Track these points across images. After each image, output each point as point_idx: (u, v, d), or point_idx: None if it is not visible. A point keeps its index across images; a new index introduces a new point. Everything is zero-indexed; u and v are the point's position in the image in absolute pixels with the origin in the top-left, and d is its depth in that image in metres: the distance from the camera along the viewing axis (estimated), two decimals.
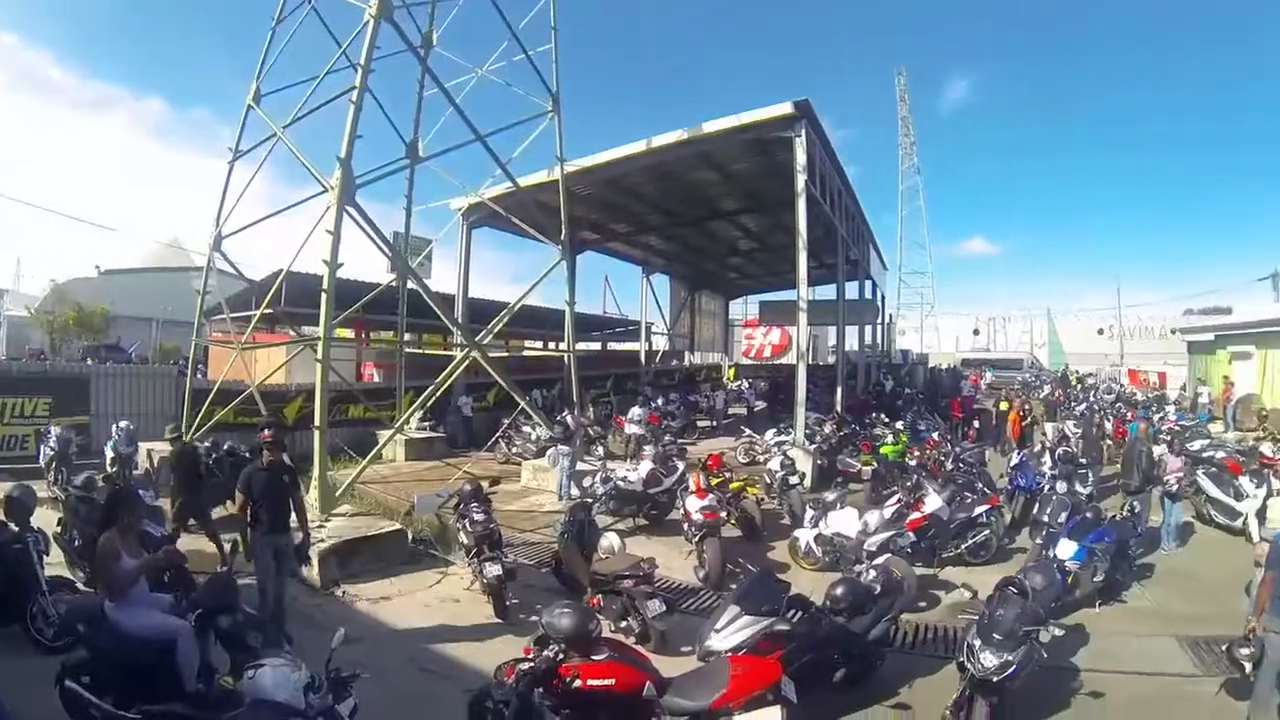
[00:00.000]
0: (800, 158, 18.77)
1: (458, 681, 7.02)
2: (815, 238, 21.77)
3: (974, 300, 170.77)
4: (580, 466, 16.07)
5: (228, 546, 8.04)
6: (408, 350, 24.18)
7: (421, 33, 17.34)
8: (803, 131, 18.74)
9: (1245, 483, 13.74)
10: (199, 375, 22.15)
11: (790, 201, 19.39)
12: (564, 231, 19.60)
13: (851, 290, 32.70)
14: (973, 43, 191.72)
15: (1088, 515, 11.16)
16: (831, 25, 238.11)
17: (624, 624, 8.69)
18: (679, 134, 20.48)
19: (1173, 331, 47.63)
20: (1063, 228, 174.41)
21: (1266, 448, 17.43)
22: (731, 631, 6.98)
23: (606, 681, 5.61)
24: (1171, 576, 11.58)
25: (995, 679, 6.29)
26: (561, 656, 5.67)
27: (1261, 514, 12.57)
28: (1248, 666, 6.82)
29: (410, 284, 19.30)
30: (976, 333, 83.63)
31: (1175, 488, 13.05)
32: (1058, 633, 6.84)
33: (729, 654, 6.55)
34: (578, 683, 5.57)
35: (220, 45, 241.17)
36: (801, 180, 18.81)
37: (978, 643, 6.54)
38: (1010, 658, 6.36)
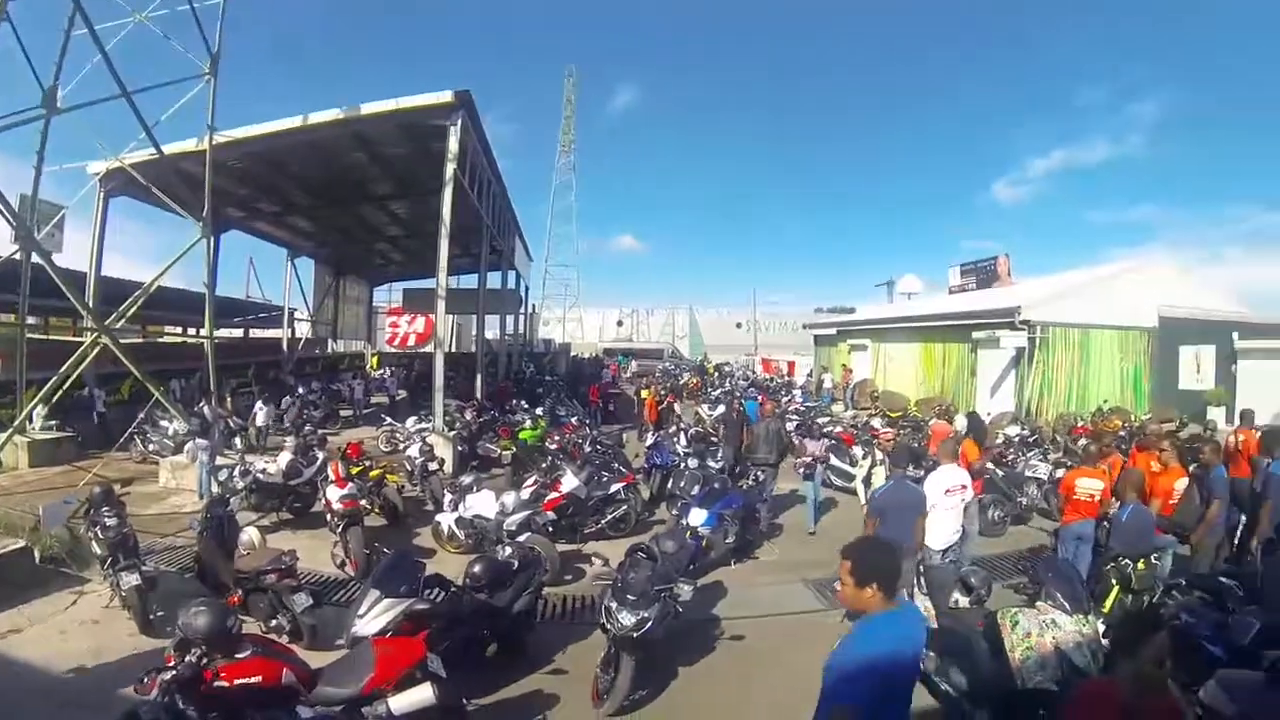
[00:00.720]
0: (453, 146, 18.67)
1: (102, 710, 6.35)
2: (461, 226, 21.97)
3: (621, 294, 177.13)
4: (221, 460, 15.07)
5: None
6: (31, 336, 20.83)
7: None
8: (459, 121, 18.69)
9: (857, 452, 15.78)
10: None
11: (440, 189, 19.12)
12: (206, 206, 18.00)
13: (495, 280, 33.37)
14: (639, 49, 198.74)
15: (716, 486, 12.19)
16: (516, 20, 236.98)
17: (274, 622, 8.31)
18: (335, 113, 19.66)
19: (804, 327, 52.01)
20: (709, 230, 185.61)
21: (877, 423, 21.07)
22: (374, 616, 6.98)
23: (252, 679, 5.33)
24: (797, 533, 13.03)
25: (635, 635, 6.72)
26: (205, 659, 5.32)
27: (868, 478, 14.11)
28: None
29: (35, 258, 16.89)
30: (620, 324, 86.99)
31: (803, 470, 14.25)
32: (688, 588, 7.40)
33: (374, 638, 6.49)
34: (223, 683, 5.25)
35: None
36: (451, 168, 18.72)
37: (614, 604, 6.96)
38: (646, 615, 6.83)
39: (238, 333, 43.77)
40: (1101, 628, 6.61)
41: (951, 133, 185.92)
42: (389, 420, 21.76)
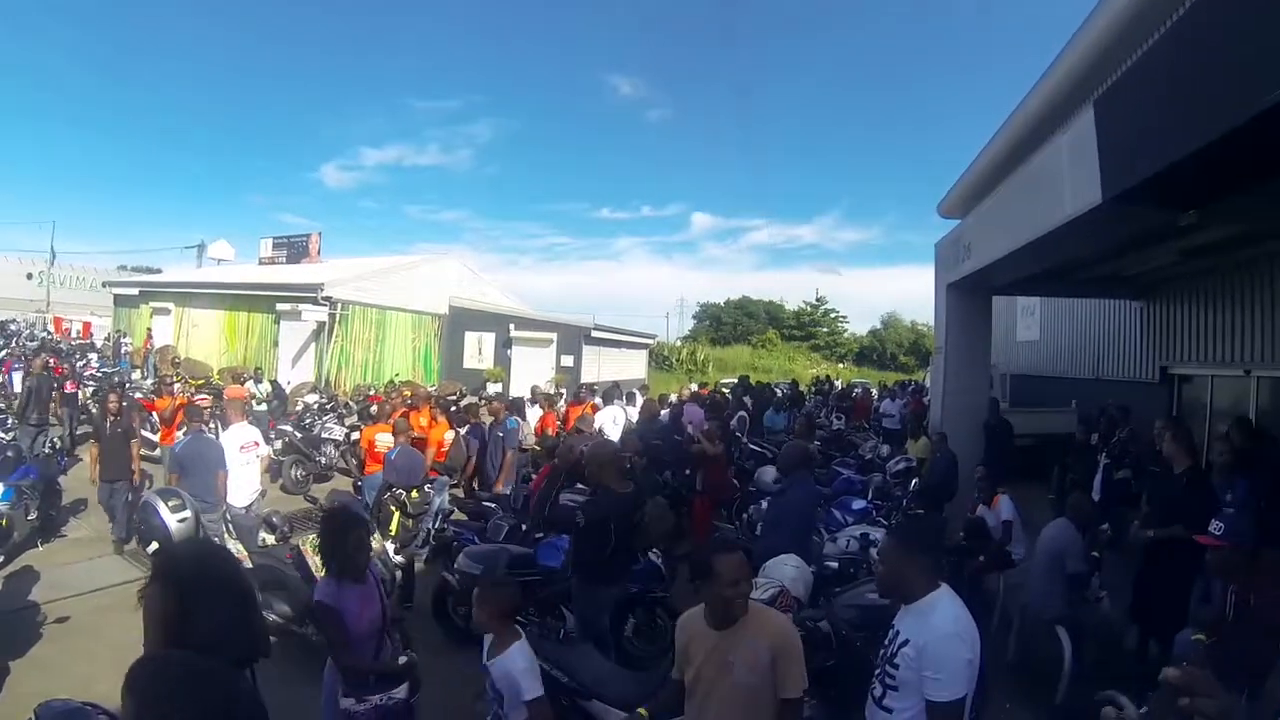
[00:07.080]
0: None
1: None
2: None
3: None
4: None
5: None
6: None
7: None
8: None
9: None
10: None
11: None
12: None
13: None
14: None
15: (9, 454, 11.27)
16: None
17: None
18: None
19: (104, 285, 47.85)
20: (7, 157, 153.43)
21: (178, 388, 20.52)
22: None
23: None
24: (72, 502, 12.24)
25: None
26: None
27: None
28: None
29: None
30: None
31: None
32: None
33: None
34: None
35: None
36: None
37: None
38: None
39: None
40: (391, 546, 8.06)
41: (286, 112, 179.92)
42: None
